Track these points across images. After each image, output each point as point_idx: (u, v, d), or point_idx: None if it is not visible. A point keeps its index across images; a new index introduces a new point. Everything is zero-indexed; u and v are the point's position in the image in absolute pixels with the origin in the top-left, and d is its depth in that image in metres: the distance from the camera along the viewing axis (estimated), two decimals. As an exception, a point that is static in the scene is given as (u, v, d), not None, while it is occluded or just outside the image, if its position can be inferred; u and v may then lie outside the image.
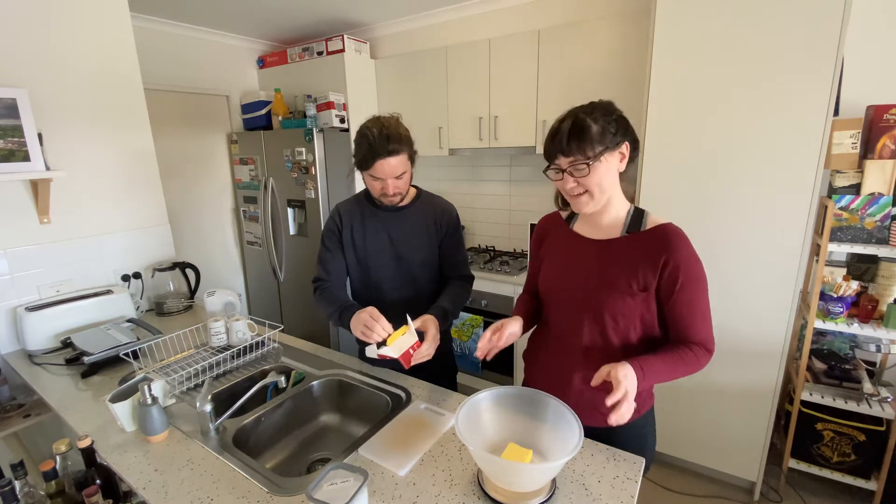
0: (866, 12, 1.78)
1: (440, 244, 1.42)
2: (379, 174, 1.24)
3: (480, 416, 1.00)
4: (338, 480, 0.85)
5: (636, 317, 0.99)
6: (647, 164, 1.92)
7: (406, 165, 1.26)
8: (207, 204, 3.26)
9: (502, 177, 2.98)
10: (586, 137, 0.91)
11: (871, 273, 1.87)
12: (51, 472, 0.98)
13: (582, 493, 0.92)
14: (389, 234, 1.38)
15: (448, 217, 1.42)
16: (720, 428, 1.99)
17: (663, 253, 0.95)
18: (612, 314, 0.99)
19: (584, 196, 0.96)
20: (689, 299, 0.96)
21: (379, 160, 1.21)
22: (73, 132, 1.82)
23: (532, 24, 2.57)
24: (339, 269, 1.43)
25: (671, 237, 0.96)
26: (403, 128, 1.27)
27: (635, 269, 0.97)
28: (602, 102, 0.99)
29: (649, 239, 0.98)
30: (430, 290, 1.43)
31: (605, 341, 1.02)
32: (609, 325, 1.00)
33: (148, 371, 1.34)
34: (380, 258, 1.39)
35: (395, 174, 1.24)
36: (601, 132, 0.92)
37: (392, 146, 1.20)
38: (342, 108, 2.86)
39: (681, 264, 0.94)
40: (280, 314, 3.30)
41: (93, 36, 1.85)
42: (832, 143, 1.73)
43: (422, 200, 1.42)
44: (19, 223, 1.71)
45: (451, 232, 1.42)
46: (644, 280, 0.96)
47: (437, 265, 1.44)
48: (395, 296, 1.40)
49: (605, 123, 0.93)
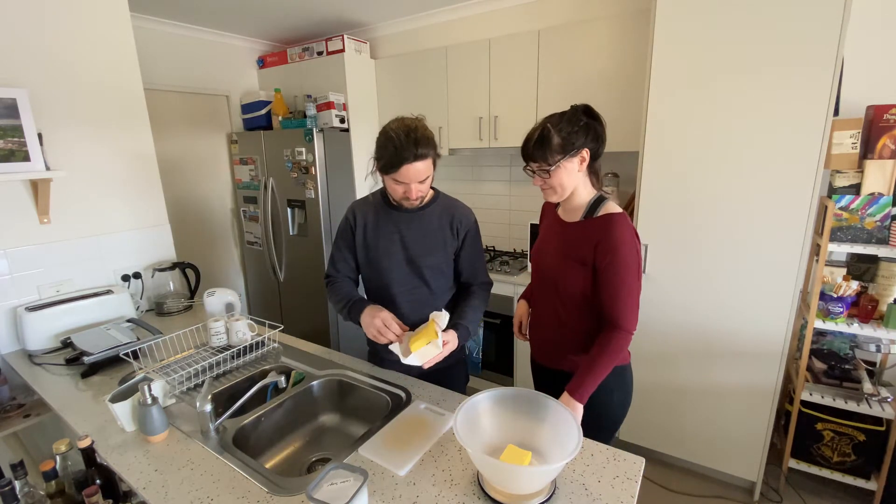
0: (866, 12, 1.78)
1: (458, 251, 1.38)
2: (403, 178, 1.19)
3: (479, 418, 1.00)
4: (338, 480, 0.85)
5: (577, 286, 1.19)
6: (647, 164, 1.92)
7: (431, 169, 1.22)
8: (207, 204, 3.26)
9: (502, 177, 2.98)
10: (547, 148, 1.11)
11: (871, 273, 1.87)
12: (51, 472, 0.98)
13: (582, 492, 0.92)
14: (402, 236, 1.34)
15: (466, 222, 1.38)
16: (720, 428, 1.99)
17: (598, 236, 1.13)
18: (562, 282, 1.22)
19: (548, 191, 1.19)
20: (612, 279, 1.13)
21: (405, 164, 1.16)
22: (73, 132, 1.82)
23: (532, 24, 2.57)
24: (347, 267, 1.43)
25: (606, 224, 1.13)
26: (429, 130, 1.22)
27: (581, 247, 1.17)
28: (575, 109, 1.15)
29: (594, 224, 1.16)
30: (442, 297, 1.41)
31: (560, 302, 1.24)
32: (560, 290, 1.23)
33: (148, 371, 1.34)
34: (391, 259, 1.35)
35: (420, 178, 1.20)
36: (562, 144, 1.11)
37: (420, 150, 1.16)
38: (342, 108, 2.86)
39: (609, 248, 1.11)
40: (280, 314, 3.30)
41: (93, 36, 1.85)
42: (832, 143, 1.73)
43: (439, 203, 1.38)
44: (19, 223, 1.71)
45: (471, 238, 1.39)
46: (583, 256, 1.16)
47: (450, 270, 1.40)
48: (405, 298, 1.37)
49: (567, 134, 1.11)
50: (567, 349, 1.26)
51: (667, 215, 1.92)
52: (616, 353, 1.13)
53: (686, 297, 1.94)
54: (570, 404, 1.11)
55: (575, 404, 1.11)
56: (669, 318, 2.00)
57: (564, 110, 1.15)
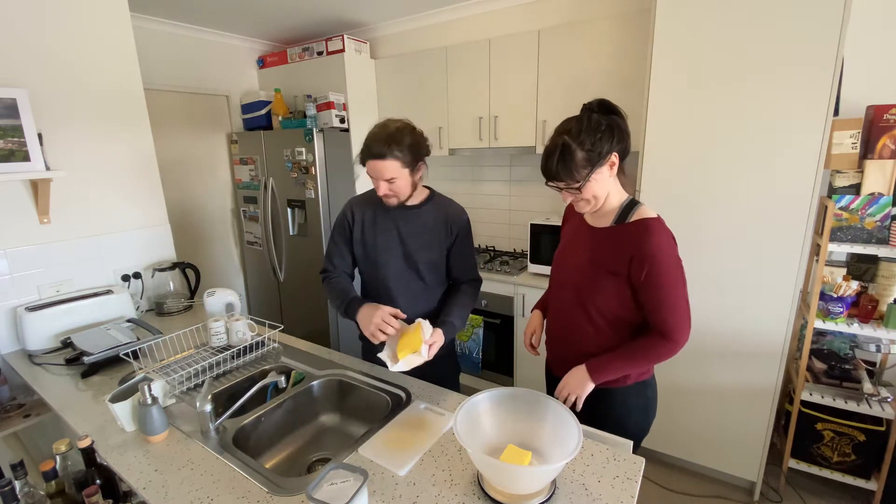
0: (866, 12, 1.78)
1: (449, 248, 1.42)
2: (370, 172, 1.26)
3: (479, 418, 1.00)
4: (338, 480, 0.85)
5: (609, 299, 1.10)
6: (647, 164, 1.92)
7: (398, 171, 1.24)
8: (208, 204, 3.26)
9: (502, 177, 2.98)
10: (572, 166, 1.01)
11: (871, 273, 1.87)
12: (51, 472, 0.98)
13: (582, 493, 0.92)
14: (399, 232, 1.39)
15: (459, 222, 1.42)
16: (720, 428, 1.99)
17: (633, 244, 1.04)
18: (591, 294, 1.12)
19: (581, 203, 1.09)
20: (653, 289, 1.04)
21: (368, 160, 1.23)
22: (73, 132, 1.82)
23: (532, 24, 2.57)
24: (343, 262, 1.46)
25: (642, 232, 1.04)
26: (407, 135, 1.24)
27: (612, 255, 1.08)
28: (590, 111, 1.06)
29: (627, 231, 1.07)
30: (436, 291, 1.45)
31: (587, 317, 1.14)
32: (588, 303, 1.13)
33: (148, 371, 1.34)
34: (389, 254, 1.39)
35: (384, 177, 1.24)
36: (586, 158, 1.01)
37: (378, 149, 1.21)
38: (342, 108, 2.86)
39: (646, 256, 1.02)
40: (280, 314, 3.30)
41: (93, 36, 1.84)
42: (832, 143, 1.73)
43: (434, 202, 1.42)
44: (19, 223, 1.71)
45: (462, 236, 1.42)
46: (615, 265, 1.07)
47: (444, 267, 1.44)
48: (401, 293, 1.41)
49: (591, 145, 1.01)
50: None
51: (667, 215, 1.88)
52: (656, 358, 1.08)
53: (686, 297, 1.94)
54: (583, 379, 1.09)
55: (587, 382, 1.09)
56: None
57: (579, 115, 1.06)
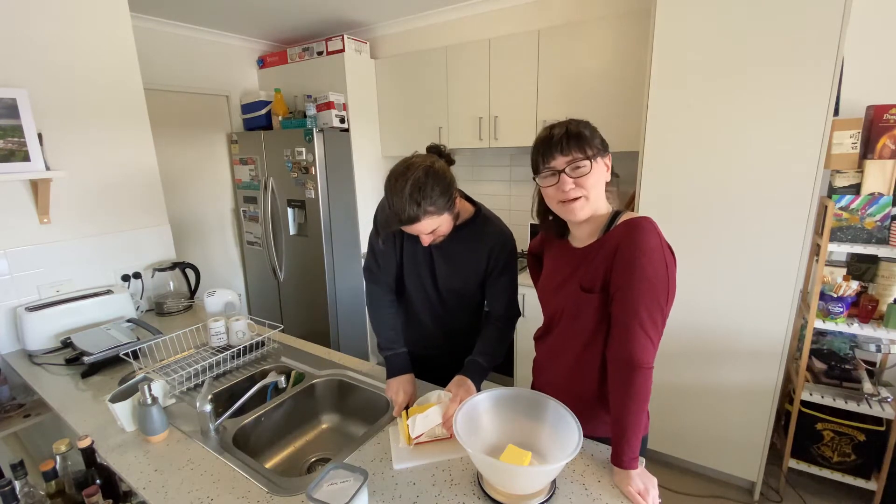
0: (866, 12, 1.78)
1: (486, 278, 1.28)
2: (410, 232, 1.12)
3: (479, 418, 1.00)
4: (338, 480, 0.85)
5: (604, 325, 0.96)
6: (647, 164, 1.92)
7: (437, 221, 1.09)
8: (207, 204, 3.26)
9: (502, 177, 2.98)
10: (584, 137, 0.91)
11: (871, 273, 1.87)
12: (51, 472, 0.98)
13: (582, 493, 0.92)
14: (431, 256, 1.28)
15: (499, 251, 1.24)
16: (720, 428, 1.99)
17: (615, 248, 0.91)
18: (581, 323, 0.99)
19: (579, 200, 0.92)
20: (626, 296, 0.88)
21: (403, 227, 1.08)
22: (73, 132, 1.82)
23: (532, 24, 2.57)
24: (390, 263, 1.33)
25: (627, 231, 0.91)
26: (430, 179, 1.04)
27: (599, 269, 0.94)
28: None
29: (612, 236, 0.94)
30: (465, 317, 1.37)
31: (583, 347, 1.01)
32: (580, 332, 1.00)
33: (148, 371, 1.34)
34: (415, 279, 1.31)
35: (426, 231, 1.10)
36: (592, 136, 0.93)
37: (409, 214, 1.03)
38: (342, 108, 2.86)
39: (627, 258, 0.88)
40: (280, 314, 3.30)
41: (93, 36, 1.84)
42: (832, 143, 1.73)
43: (474, 226, 1.25)
44: (19, 223, 1.70)
45: (501, 267, 1.25)
46: (604, 282, 0.93)
47: (476, 296, 1.34)
48: (427, 314, 1.35)
49: (593, 132, 0.95)
50: (594, 406, 1.04)
51: (667, 215, 1.91)
52: (643, 397, 0.89)
53: (686, 296, 1.93)
54: (628, 477, 0.90)
55: (630, 474, 0.90)
56: (669, 317, 1.99)
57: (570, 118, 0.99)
